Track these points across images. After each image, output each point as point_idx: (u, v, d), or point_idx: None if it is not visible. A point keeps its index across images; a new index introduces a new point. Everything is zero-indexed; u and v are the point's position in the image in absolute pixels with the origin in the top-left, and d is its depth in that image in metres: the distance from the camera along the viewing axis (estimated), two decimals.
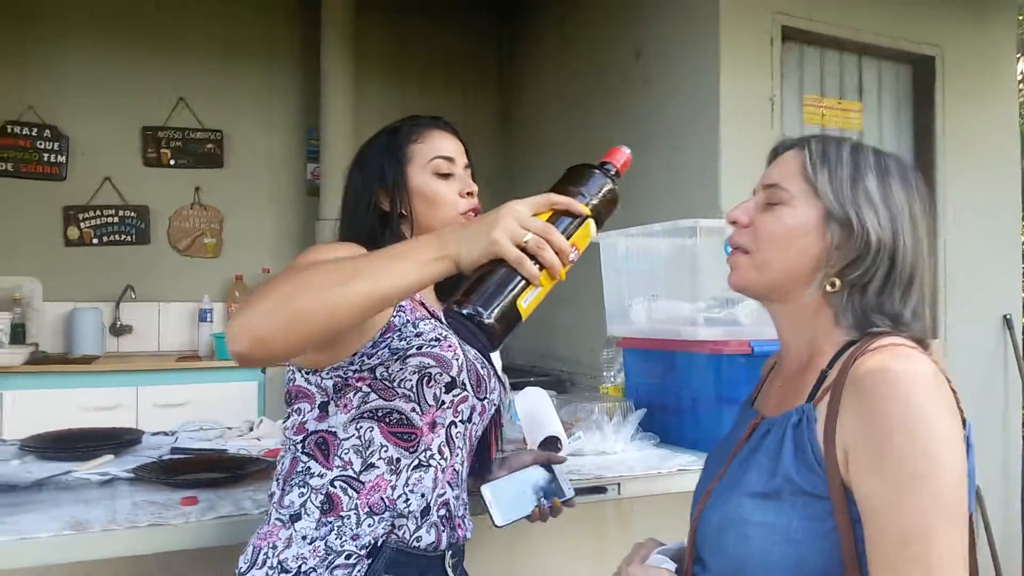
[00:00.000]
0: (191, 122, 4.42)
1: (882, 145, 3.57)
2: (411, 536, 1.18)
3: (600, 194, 1.02)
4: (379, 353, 1.18)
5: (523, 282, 0.94)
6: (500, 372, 1.44)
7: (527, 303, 0.94)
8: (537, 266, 0.94)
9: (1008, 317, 3.84)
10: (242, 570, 1.17)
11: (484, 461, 1.47)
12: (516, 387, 2.37)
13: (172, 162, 4.37)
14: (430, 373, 1.20)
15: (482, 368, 1.30)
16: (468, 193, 1.34)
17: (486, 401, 1.32)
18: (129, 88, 4.32)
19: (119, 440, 1.91)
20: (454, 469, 1.26)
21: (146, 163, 4.35)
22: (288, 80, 4.63)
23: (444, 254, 0.96)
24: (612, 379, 2.33)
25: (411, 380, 1.19)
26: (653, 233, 2.14)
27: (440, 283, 1.39)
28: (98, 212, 4.24)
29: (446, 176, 1.33)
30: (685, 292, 2.06)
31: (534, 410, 1.91)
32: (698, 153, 3.26)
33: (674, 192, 3.41)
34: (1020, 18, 8.05)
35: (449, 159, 1.33)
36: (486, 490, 1.41)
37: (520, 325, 0.96)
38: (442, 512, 1.23)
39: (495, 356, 1.45)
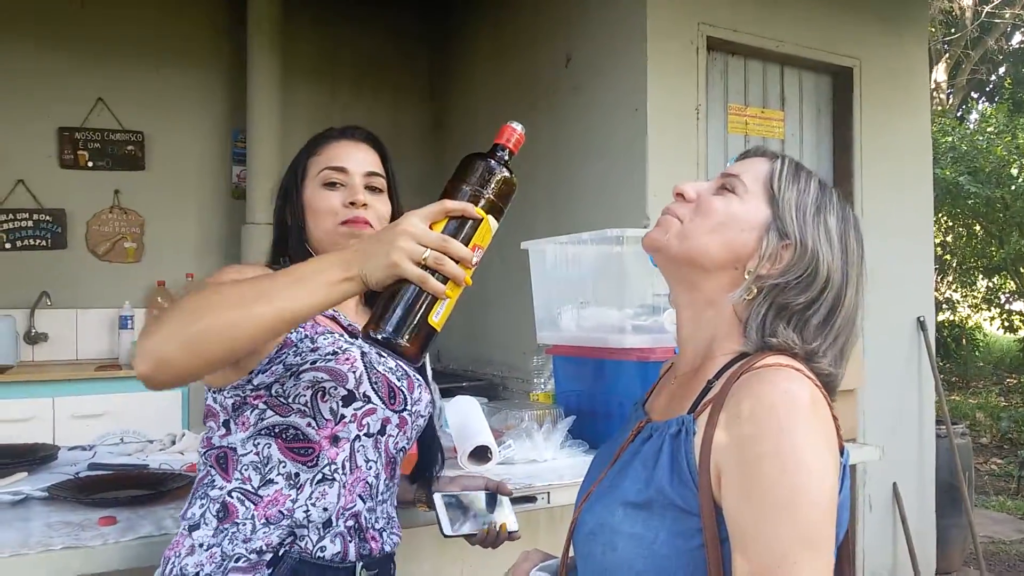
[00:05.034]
0: (110, 123, 4.27)
1: (803, 153, 3.71)
2: (314, 546, 1.18)
3: (494, 186, 1.00)
4: (273, 369, 1.18)
5: (430, 298, 0.95)
6: (430, 381, 1.44)
7: (439, 317, 0.96)
8: (442, 278, 0.95)
9: (922, 319, 4.00)
10: None
11: (423, 469, 1.49)
12: (450, 392, 2.37)
13: (90, 164, 4.23)
14: (324, 387, 1.19)
15: (398, 380, 1.29)
16: (351, 203, 1.29)
17: (406, 413, 1.30)
18: (45, 87, 4.15)
19: (33, 456, 1.84)
20: (366, 482, 1.25)
21: (63, 165, 4.19)
22: (213, 81, 4.52)
23: (350, 275, 0.96)
24: (542, 386, 2.35)
25: (305, 395, 1.19)
26: (581, 241, 2.16)
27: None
28: (11, 216, 4.07)
29: (332, 186, 1.31)
30: (613, 299, 2.08)
31: (465, 419, 1.91)
32: (625, 161, 3.30)
33: (602, 199, 3.45)
34: (931, 30, 8.40)
35: (340, 169, 1.31)
36: (438, 498, 1.44)
37: (438, 336, 0.97)
38: (349, 523, 1.22)
39: (427, 364, 1.45)
